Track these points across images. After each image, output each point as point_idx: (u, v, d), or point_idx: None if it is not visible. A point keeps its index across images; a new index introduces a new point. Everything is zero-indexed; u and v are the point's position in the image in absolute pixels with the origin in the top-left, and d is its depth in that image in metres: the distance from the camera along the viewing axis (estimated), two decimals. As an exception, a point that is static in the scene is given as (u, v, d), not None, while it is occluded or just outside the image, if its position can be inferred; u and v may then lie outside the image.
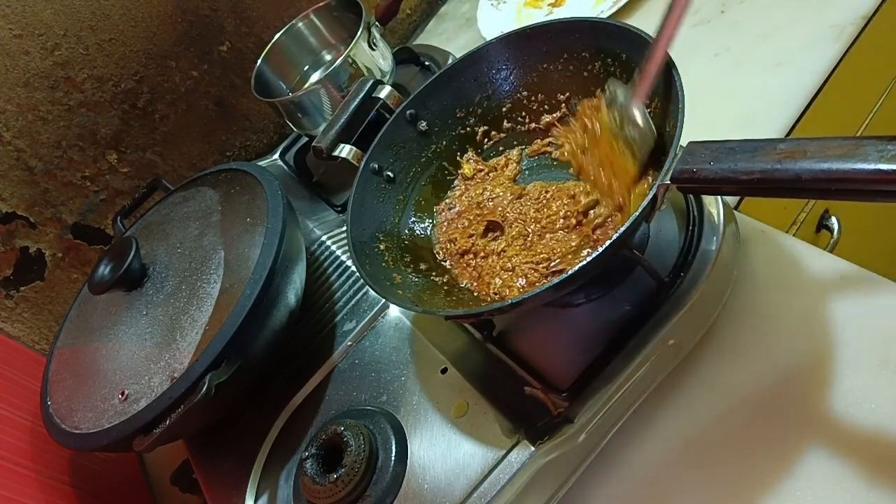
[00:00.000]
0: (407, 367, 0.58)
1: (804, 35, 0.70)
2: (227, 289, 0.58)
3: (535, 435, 0.48)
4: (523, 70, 0.60)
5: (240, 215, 0.64)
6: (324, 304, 0.68)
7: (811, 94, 0.66)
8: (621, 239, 0.41)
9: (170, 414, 0.53)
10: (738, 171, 0.38)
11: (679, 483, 0.50)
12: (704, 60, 0.75)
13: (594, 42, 0.54)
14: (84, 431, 0.58)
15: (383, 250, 0.57)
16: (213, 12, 0.94)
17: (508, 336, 0.57)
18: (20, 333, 0.88)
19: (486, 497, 0.47)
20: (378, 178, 0.60)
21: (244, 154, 1.04)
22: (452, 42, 1.07)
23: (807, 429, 0.47)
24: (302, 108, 0.80)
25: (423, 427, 0.53)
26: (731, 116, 0.69)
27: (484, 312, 0.46)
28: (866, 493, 0.43)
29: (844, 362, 0.49)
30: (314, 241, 0.74)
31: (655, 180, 0.41)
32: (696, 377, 0.53)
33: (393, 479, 0.51)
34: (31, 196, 0.85)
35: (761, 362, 0.52)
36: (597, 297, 0.55)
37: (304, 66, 0.94)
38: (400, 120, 0.61)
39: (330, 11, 0.91)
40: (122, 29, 0.86)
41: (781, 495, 0.46)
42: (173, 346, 0.58)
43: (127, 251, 0.62)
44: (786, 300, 0.53)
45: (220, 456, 0.64)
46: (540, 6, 0.95)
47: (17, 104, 0.81)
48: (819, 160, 0.35)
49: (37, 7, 0.79)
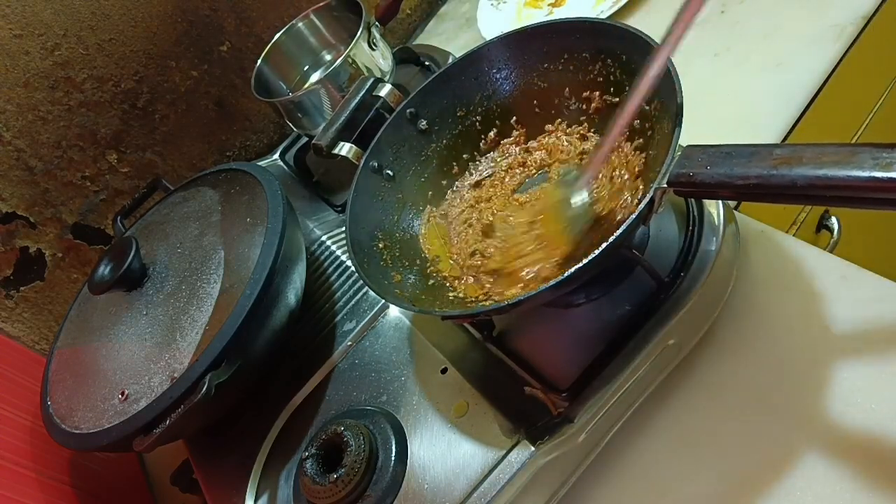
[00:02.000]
0: (407, 367, 0.58)
1: (804, 35, 0.70)
2: (227, 289, 0.58)
3: (535, 435, 0.48)
4: (523, 70, 0.60)
5: (240, 215, 0.64)
6: (324, 304, 0.68)
7: (811, 94, 0.66)
8: (619, 241, 0.41)
9: (170, 414, 0.53)
10: (735, 177, 0.38)
11: (679, 483, 0.50)
12: (704, 60, 0.75)
13: (594, 42, 0.54)
14: (84, 431, 0.58)
15: (382, 249, 0.57)
16: (213, 12, 0.94)
17: (508, 336, 0.57)
18: (20, 333, 0.88)
19: (486, 497, 0.47)
20: (378, 177, 0.60)
21: (244, 154, 1.04)
22: (452, 42, 1.06)
23: (806, 429, 0.47)
24: (302, 108, 0.80)
25: (423, 427, 0.53)
26: (731, 116, 0.69)
27: (482, 313, 0.46)
28: (866, 492, 0.43)
29: (844, 362, 0.49)
30: (314, 241, 0.74)
31: (652, 182, 0.41)
32: (696, 377, 0.53)
33: (393, 479, 0.51)
34: (31, 196, 0.85)
35: (761, 362, 0.52)
36: (597, 297, 0.55)
37: (304, 66, 0.94)
38: (400, 118, 0.61)
39: (330, 11, 0.91)
40: (122, 29, 0.86)
41: (781, 495, 0.46)
42: (173, 346, 0.58)
43: (127, 251, 0.62)
44: (786, 300, 0.53)
45: (220, 456, 0.64)
46: (540, 6, 0.95)
47: (17, 104, 0.81)
48: (815, 167, 0.35)
49: (37, 7, 0.79)
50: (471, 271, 0.57)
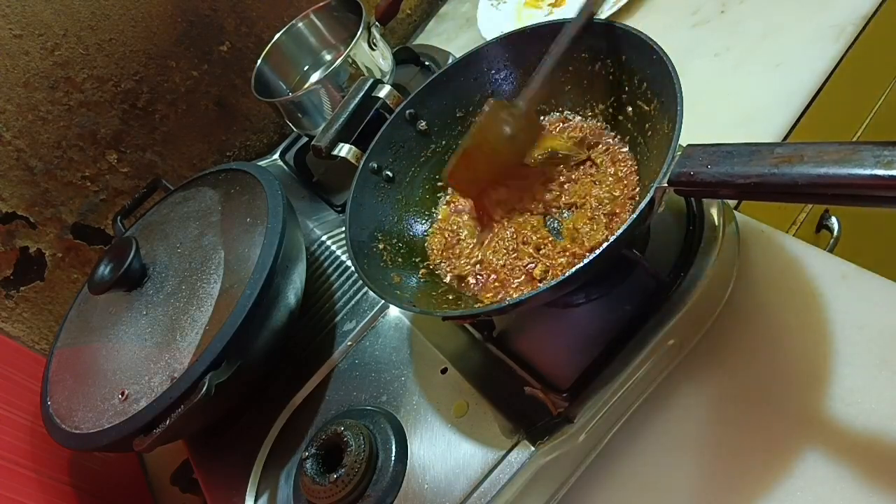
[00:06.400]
0: (407, 367, 0.58)
1: (804, 35, 0.70)
2: (227, 289, 0.58)
3: (535, 435, 0.48)
4: (523, 70, 0.60)
5: (240, 215, 0.64)
6: (324, 304, 0.68)
7: (811, 94, 0.66)
8: (619, 241, 0.41)
9: (170, 414, 0.53)
10: (735, 175, 0.38)
11: (679, 483, 0.50)
12: (704, 60, 0.75)
13: (594, 43, 0.54)
14: (84, 431, 0.58)
15: (382, 250, 0.57)
16: (213, 12, 0.94)
17: (508, 336, 0.57)
18: (20, 333, 0.88)
19: (486, 497, 0.47)
20: (377, 178, 0.60)
21: (244, 154, 1.04)
22: (452, 42, 1.07)
23: (807, 429, 0.47)
24: (302, 108, 0.80)
25: (423, 427, 0.53)
26: (731, 116, 0.69)
27: (482, 313, 0.46)
28: (866, 492, 0.43)
29: (844, 362, 0.49)
30: (314, 241, 0.74)
31: (652, 182, 0.41)
32: (696, 377, 0.53)
33: (393, 479, 0.51)
34: (31, 196, 0.85)
35: (761, 362, 0.52)
36: (597, 297, 0.55)
37: (304, 66, 0.94)
38: (399, 119, 0.61)
39: (330, 11, 0.91)
40: (122, 29, 0.86)
41: (781, 495, 0.46)
42: (173, 346, 0.58)
43: (127, 251, 0.62)
44: (786, 300, 0.53)
45: (220, 456, 0.64)
46: (540, 6, 0.95)
47: (17, 104, 0.81)
48: (816, 165, 0.35)
49: (37, 7, 0.79)
50: (472, 271, 0.57)
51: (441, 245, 0.60)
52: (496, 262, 0.55)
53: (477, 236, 0.59)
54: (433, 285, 0.56)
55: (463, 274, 0.57)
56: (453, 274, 0.57)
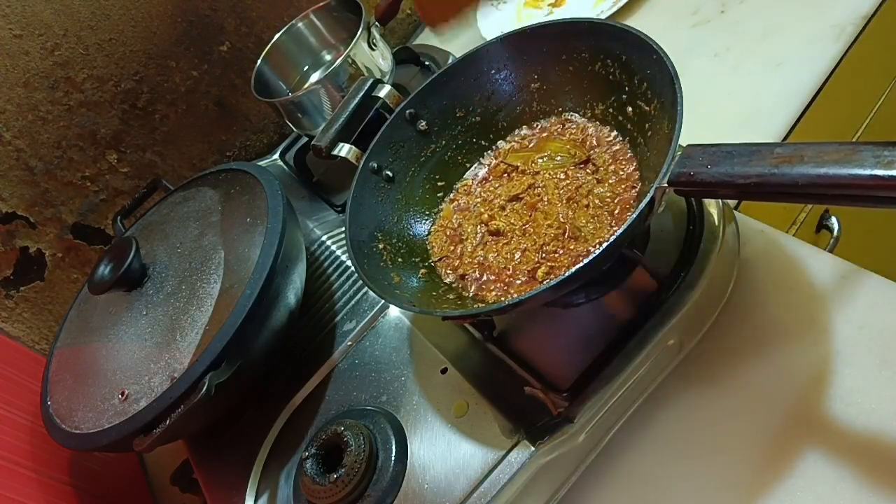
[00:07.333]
0: (407, 367, 0.58)
1: (804, 35, 0.70)
2: (227, 289, 0.58)
3: (535, 435, 0.48)
4: (523, 70, 0.60)
5: (240, 215, 0.64)
6: (324, 304, 0.68)
7: (811, 94, 0.66)
8: (619, 241, 0.41)
9: (170, 414, 0.53)
10: (735, 175, 0.38)
11: (679, 483, 0.50)
12: (704, 60, 0.75)
13: (594, 43, 0.54)
14: (84, 431, 0.58)
15: (382, 250, 0.57)
16: (213, 12, 0.94)
17: (508, 336, 0.57)
18: (20, 333, 0.88)
19: (486, 497, 0.47)
20: (377, 178, 0.60)
21: (244, 154, 1.04)
22: (452, 42, 1.06)
23: (807, 429, 0.47)
24: (302, 108, 0.80)
25: (423, 427, 0.53)
26: (731, 116, 0.69)
27: (482, 313, 0.46)
28: (866, 492, 0.43)
29: (844, 362, 0.49)
30: (314, 241, 0.74)
31: (653, 182, 0.41)
32: (696, 377, 0.53)
33: (393, 479, 0.51)
34: (31, 196, 0.85)
35: (761, 362, 0.52)
36: (597, 297, 0.54)
37: (304, 66, 0.94)
38: (399, 119, 0.61)
39: (330, 11, 0.91)
40: (122, 29, 0.86)
41: (781, 495, 0.46)
42: (173, 346, 0.58)
43: (127, 251, 0.62)
44: (786, 300, 0.53)
45: (220, 456, 0.64)
46: (540, 6, 0.95)
47: (17, 104, 0.81)
48: (816, 165, 0.35)
49: (37, 7, 0.79)
50: (472, 271, 0.57)
51: (443, 244, 0.60)
52: (497, 263, 0.55)
53: (480, 237, 0.59)
54: (433, 285, 0.56)
55: (464, 273, 0.57)
56: (454, 273, 0.57)
